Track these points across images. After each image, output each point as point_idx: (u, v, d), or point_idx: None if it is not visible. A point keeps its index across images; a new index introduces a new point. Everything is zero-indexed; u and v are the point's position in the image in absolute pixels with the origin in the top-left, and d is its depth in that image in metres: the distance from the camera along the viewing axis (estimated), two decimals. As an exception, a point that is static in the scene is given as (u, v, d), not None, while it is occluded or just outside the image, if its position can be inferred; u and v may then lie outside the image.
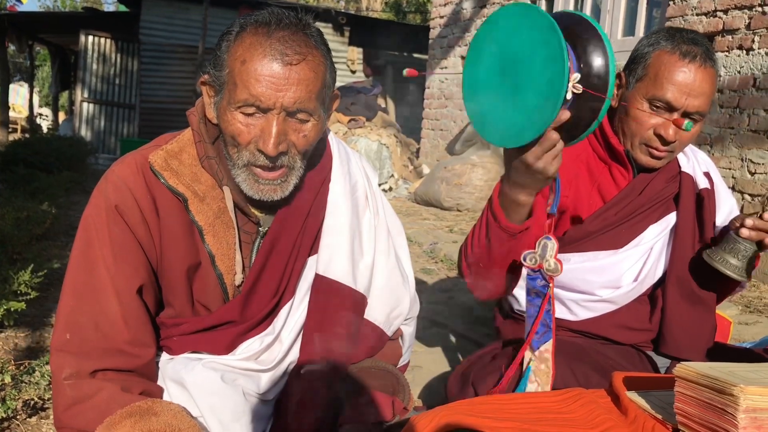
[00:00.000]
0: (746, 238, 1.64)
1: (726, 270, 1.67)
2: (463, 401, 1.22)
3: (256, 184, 1.37)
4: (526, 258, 1.48)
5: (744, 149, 4.62)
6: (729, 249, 1.67)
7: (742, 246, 1.65)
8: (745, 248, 1.65)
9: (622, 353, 1.87)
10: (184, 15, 13.05)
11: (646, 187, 1.86)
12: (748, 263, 1.67)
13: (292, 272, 1.50)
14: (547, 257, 1.46)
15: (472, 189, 7.22)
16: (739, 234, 1.64)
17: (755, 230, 1.63)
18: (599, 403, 1.20)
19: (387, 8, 23.30)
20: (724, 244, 1.69)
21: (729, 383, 0.96)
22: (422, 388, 2.55)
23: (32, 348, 2.68)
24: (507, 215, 1.51)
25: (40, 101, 24.34)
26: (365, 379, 1.50)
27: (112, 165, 1.44)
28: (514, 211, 1.50)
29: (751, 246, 1.65)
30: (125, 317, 1.36)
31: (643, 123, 1.76)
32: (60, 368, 1.32)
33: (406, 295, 1.64)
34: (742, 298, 3.95)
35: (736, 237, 1.66)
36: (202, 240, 1.42)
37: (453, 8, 8.73)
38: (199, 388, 1.37)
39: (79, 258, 1.38)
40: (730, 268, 1.67)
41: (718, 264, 1.68)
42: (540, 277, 1.49)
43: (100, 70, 13.50)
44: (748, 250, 1.65)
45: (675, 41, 1.73)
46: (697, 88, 1.70)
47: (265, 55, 1.29)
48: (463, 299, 3.82)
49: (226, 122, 1.34)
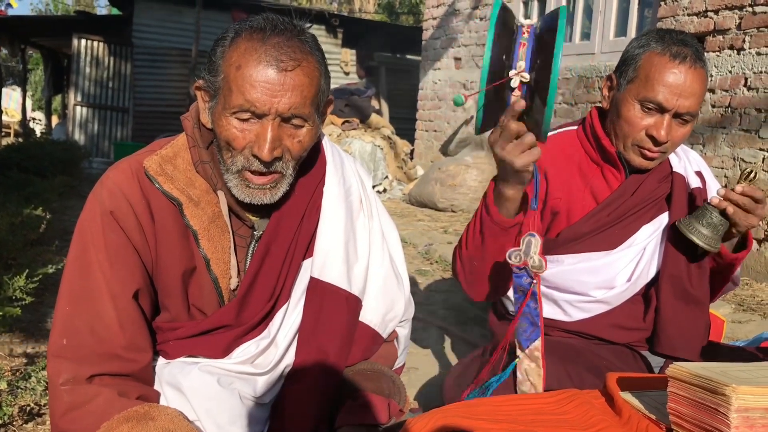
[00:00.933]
0: (716, 206, 1.70)
1: (692, 236, 1.73)
2: (458, 403, 1.23)
3: (247, 189, 1.38)
4: (511, 256, 1.49)
5: (736, 148, 4.65)
6: (698, 217, 1.73)
7: (710, 214, 1.71)
8: (713, 217, 1.71)
9: (616, 353, 1.88)
10: (176, 18, 13.03)
11: (639, 188, 1.88)
12: (715, 232, 1.72)
13: (287, 276, 1.51)
14: (531, 254, 1.46)
15: (467, 190, 7.23)
16: (710, 203, 1.71)
17: (726, 200, 1.68)
18: (593, 404, 1.21)
19: (380, 10, 23.32)
20: (696, 213, 1.75)
21: (721, 383, 0.97)
22: (418, 390, 2.56)
23: (28, 354, 2.67)
24: (499, 209, 1.54)
25: (33, 105, 24.24)
26: (361, 381, 1.50)
27: (107, 170, 1.45)
28: (503, 205, 1.54)
29: (718, 215, 1.71)
30: (121, 322, 1.36)
31: (635, 124, 1.77)
32: (57, 374, 1.32)
33: (401, 297, 1.65)
34: (735, 296, 3.96)
35: (707, 206, 1.72)
36: (197, 244, 1.43)
37: (446, 10, 8.74)
38: (196, 392, 1.37)
39: (75, 263, 1.39)
40: (700, 237, 1.72)
41: (686, 230, 1.74)
42: (525, 275, 1.49)
43: (93, 73, 13.45)
44: (715, 218, 1.71)
45: (665, 43, 1.75)
46: (688, 88, 1.72)
47: (260, 60, 1.29)
48: (458, 300, 3.83)
49: (221, 127, 1.35)
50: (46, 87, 16.86)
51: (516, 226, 1.56)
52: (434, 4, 9.03)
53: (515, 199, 1.53)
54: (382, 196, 8.66)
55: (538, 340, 1.53)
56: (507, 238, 1.57)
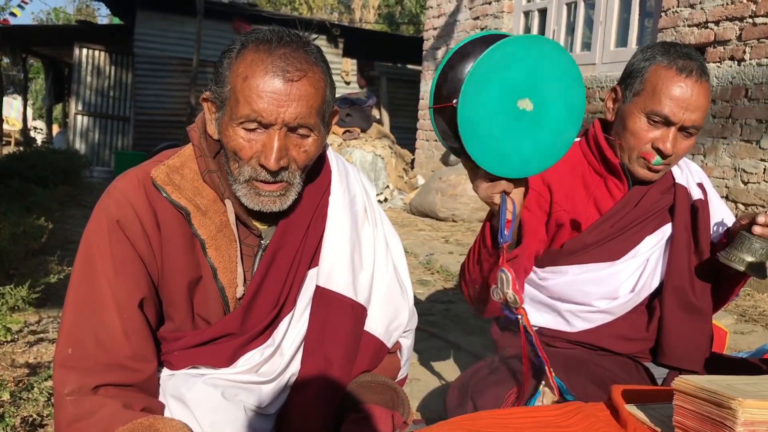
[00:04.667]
0: (760, 236, 1.65)
1: (746, 269, 1.67)
2: (464, 416, 1.23)
3: (257, 197, 1.39)
4: (494, 293, 1.46)
5: (737, 159, 4.66)
6: (744, 248, 1.67)
7: (757, 244, 1.66)
8: (761, 245, 1.66)
9: (619, 364, 1.88)
10: (178, 27, 13.06)
11: (642, 199, 1.89)
12: (762, 259, 1.67)
13: (292, 284, 1.51)
14: (505, 290, 1.42)
15: (468, 199, 7.24)
16: (751, 232, 1.65)
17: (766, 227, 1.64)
18: (598, 417, 1.21)
19: (380, 19, 23.40)
20: (738, 243, 1.69)
21: (727, 396, 0.97)
22: (421, 401, 2.55)
23: (30, 364, 2.67)
24: (493, 239, 1.53)
25: (34, 114, 24.30)
26: (364, 393, 1.50)
27: (114, 180, 1.45)
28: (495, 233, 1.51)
29: (765, 243, 1.66)
30: (126, 331, 1.36)
31: (642, 137, 1.78)
32: (62, 384, 1.32)
33: (405, 306, 1.65)
34: (738, 307, 3.97)
35: (749, 235, 1.66)
36: (204, 253, 1.43)
37: (446, 20, 8.78)
38: (200, 405, 1.37)
39: (81, 273, 1.39)
40: (749, 267, 1.67)
41: (737, 264, 1.68)
42: (508, 310, 1.46)
43: (94, 82, 13.49)
44: (764, 247, 1.66)
45: (671, 56, 1.76)
46: (694, 102, 1.73)
47: (266, 71, 1.31)
48: (460, 310, 3.83)
49: (228, 138, 1.36)
50: (47, 96, 16.90)
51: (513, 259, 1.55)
52: (435, 14, 9.07)
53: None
54: (383, 205, 8.66)
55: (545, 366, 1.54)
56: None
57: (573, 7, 6.92)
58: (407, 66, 14.91)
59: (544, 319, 1.97)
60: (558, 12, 7.07)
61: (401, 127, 12.93)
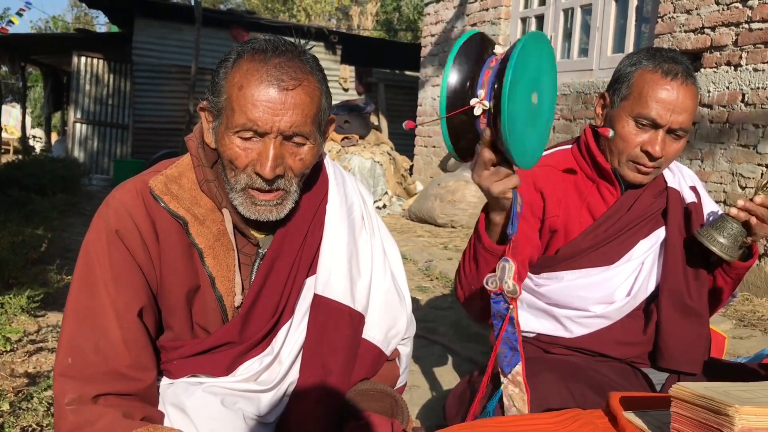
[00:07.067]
0: (734, 217, 1.72)
1: (712, 246, 1.74)
2: (463, 424, 1.23)
3: (254, 206, 1.40)
4: (488, 281, 1.48)
5: (734, 164, 4.67)
6: (717, 227, 1.75)
7: (729, 225, 1.74)
8: (732, 227, 1.74)
9: (617, 370, 1.89)
10: (176, 36, 13.09)
11: (635, 203, 1.90)
12: (734, 242, 1.74)
13: (290, 292, 1.52)
14: (505, 279, 1.46)
15: (466, 205, 7.25)
16: (728, 213, 1.73)
17: (744, 210, 1.70)
18: (597, 424, 1.22)
19: (378, 26, 23.46)
20: (714, 222, 1.77)
21: (724, 403, 0.98)
22: (420, 408, 2.55)
23: (29, 373, 2.67)
24: (489, 236, 1.55)
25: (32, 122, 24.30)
26: (363, 401, 1.50)
27: (113, 190, 1.46)
28: (492, 231, 1.54)
29: (738, 226, 1.73)
30: (126, 340, 1.37)
31: (630, 141, 1.81)
32: (63, 393, 1.33)
33: (403, 314, 1.66)
34: (736, 311, 3.97)
35: (725, 216, 1.75)
36: (202, 262, 1.44)
37: (444, 26, 8.80)
38: (200, 413, 1.37)
39: (80, 283, 1.40)
40: (717, 245, 1.74)
41: (706, 240, 1.75)
42: (502, 300, 1.48)
43: (92, 90, 13.51)
44: (735, 229, 1.74)
45: (656, 60, 1.79)
46: (680, 104, 1.76)
47: (261, 80, 1.32)
48: (458, 317, 3.83)
49: (224, 146, 1.37)
50: (46, 104, 16.92)
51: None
52: (433, 21, 9.10)
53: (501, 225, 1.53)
54: (382, 212, 8.67)
55: (519, 364, 1.53)
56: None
57: (570, 13, 6.94)
58: (405, 72, 14.93)
59: (542, 325, 1.97)
60: (555, 18, 7.09)
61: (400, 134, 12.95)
